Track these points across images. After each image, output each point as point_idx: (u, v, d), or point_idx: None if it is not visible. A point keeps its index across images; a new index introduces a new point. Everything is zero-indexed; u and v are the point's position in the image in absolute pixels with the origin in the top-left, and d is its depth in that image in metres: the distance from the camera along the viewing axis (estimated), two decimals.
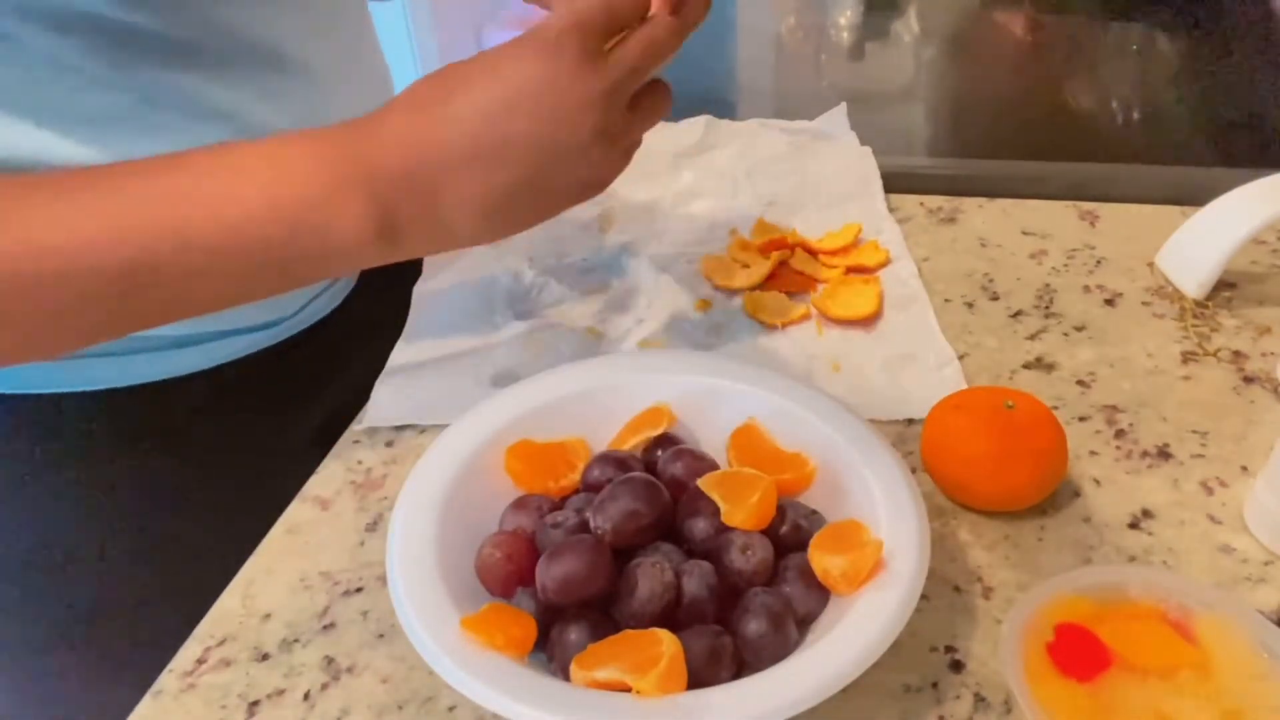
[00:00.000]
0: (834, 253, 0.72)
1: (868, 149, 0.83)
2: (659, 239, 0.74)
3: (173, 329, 0.57)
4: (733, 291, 0.69)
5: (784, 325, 0.65)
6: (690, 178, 0.82)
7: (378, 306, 0.68)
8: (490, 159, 0.43)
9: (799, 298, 0.68)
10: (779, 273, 0.70)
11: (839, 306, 0.66)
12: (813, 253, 0.72)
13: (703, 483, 0.45)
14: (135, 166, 0.43)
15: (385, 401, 0.60)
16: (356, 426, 0.59)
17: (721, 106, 0.95)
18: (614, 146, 0.46)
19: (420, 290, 0.70)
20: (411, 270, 0.72)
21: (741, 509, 0.44)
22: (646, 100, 0.47)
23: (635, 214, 0.77)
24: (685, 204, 0.79)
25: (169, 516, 0.61)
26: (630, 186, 0.80)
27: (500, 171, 0.44)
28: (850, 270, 0.70)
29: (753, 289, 0.69)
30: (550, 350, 0.63)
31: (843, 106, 0.88)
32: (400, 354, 0.64)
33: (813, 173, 0.82)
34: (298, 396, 0.66)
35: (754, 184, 0.81)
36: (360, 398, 0.61)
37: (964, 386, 0.59)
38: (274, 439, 0.64)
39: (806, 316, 0.66)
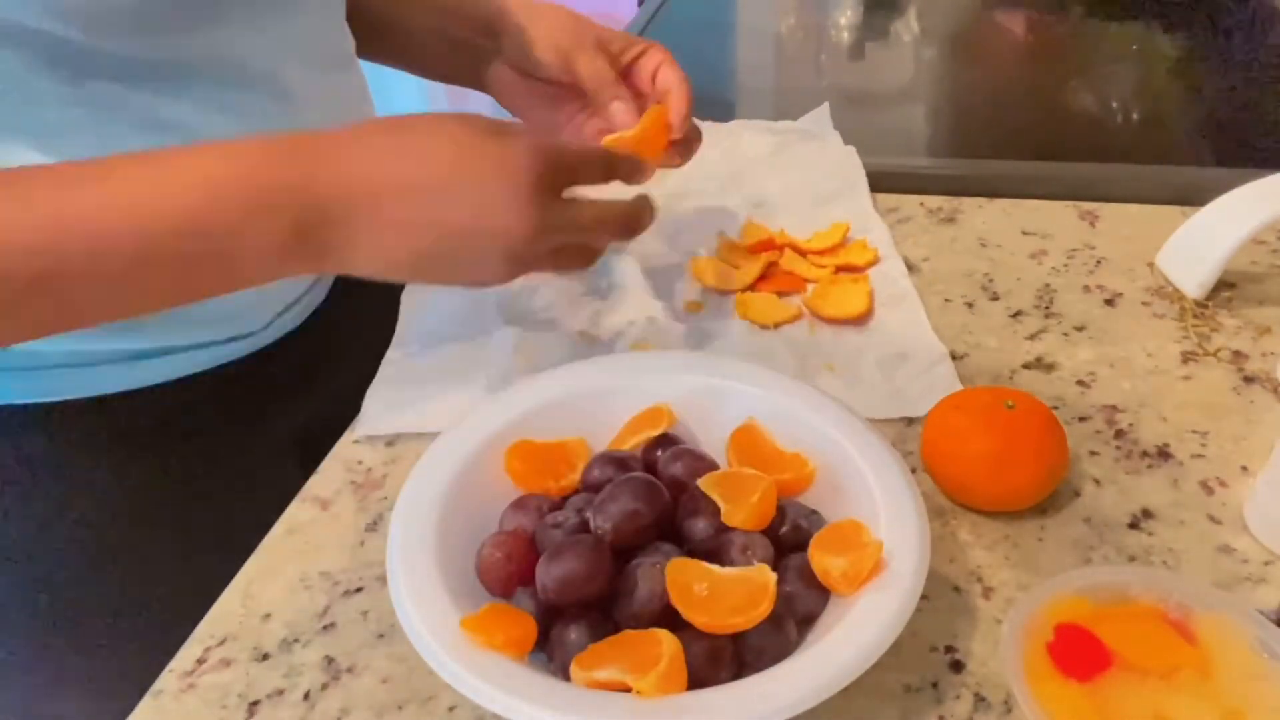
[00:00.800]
0: (822, 252, 0.72)
1: (852, 148, 0.83)
2: (647, 241, 0.74)
3: (132, 343, 0.56)
4: (723, 293, 0.69)
5: (776, 325, 0.66)
6: (677, 179, 0.81)
7: (348, 319, 0.68)
8: (414, 232, 0.45)
9: (790, 298, 0.68)
10: (769, 273, 0.70)
11: (830, 306, 0.66)
12: (801, 253, 0.72)
13: (703, 483, 0.45)
14: (59, 174, 0.42)
15: (377, 411, 0.60)
16: (349, 436, 0.59)
17: (721, 106, 0.95)
18: (519, 271, 0.49)
19: (409, 298, 0.69)
20: (382, 285, 0.72)
21: (741, 509, 0.44)
22: (573, 253, 0.51)
23: None
24: (673, 206, 0.79)
25: (136, 526, 0.61)
26: (617, 188, 0.80)
27: (416, 243, 0.46)
28: (840, 269, 0.70)
29: (743, 290, 0.69)
30: (543, 355, 0.63)
31: (825, 106, 0.88)
32: (390, 362, 0.64)
33: (798, 173, 0.82)
34: (269, 407, 0.65)
35: (740, 185, 0.81)
36: (334, 407, 0.60)
37: (956, 383, 0.59)
38: (243, 450, 0.63)
39: (798, 316, 0.66)
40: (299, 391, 0.66)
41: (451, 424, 0.50)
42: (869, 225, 0.74)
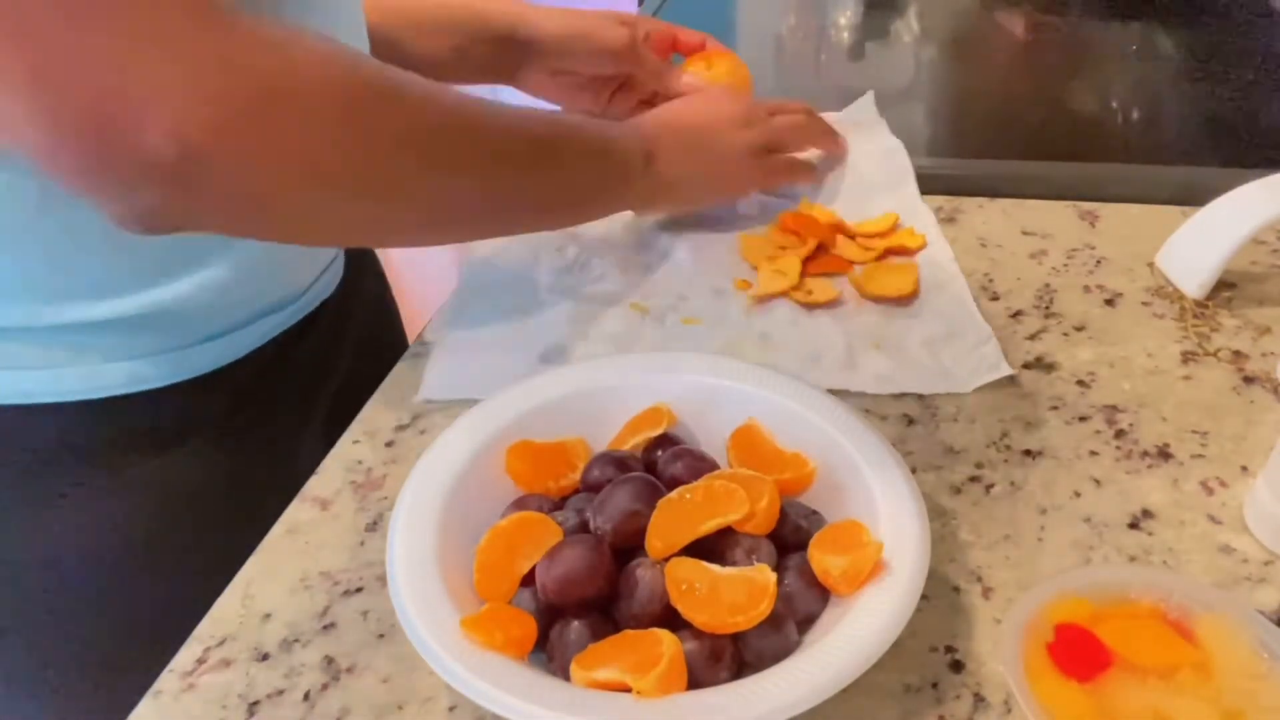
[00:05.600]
0: (873, 236, 0.73)
1: (899, 142, 0.83)
2: (698, 219, 0.76)
3: (206, 326, 0.59)
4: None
5: (824, 304, 0.66)
6: None
7: (356, 297, 0.72)
8: (689, 147, 0.70)
9: (836, 278, 0.69)
10: (817, 254, 0.71)
11: (876, 285, 0.67)
12: (851, 236, 0.73)
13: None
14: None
15: (440, 376, 0.61)
16: (349, 436, 0.59)
17: None
18: (755, 162, 0.73)
19: (465, 265, 0.71)
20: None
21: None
22: (784, 168, 0.77)
23: None
24: None
25: (185, 520, 0.61)
26: None
27: (691, 154, 0.70)
28: (889, 252, 0.71)
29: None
30: (596, 326, 0.65)
31: (870, 95, 0.89)
32: (449, 329, 0.65)
33: (847, 161, 0.82)
34: (307, 387, 0.67)
35: None
36: (364, 381, 0.62)
37: (1003, 363, 0.60)
38: (292, 431, 0.66)
39: (844, 296, 0.67)
40: (332, 368, 0.69)
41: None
42: (916, 214, 0.76)
